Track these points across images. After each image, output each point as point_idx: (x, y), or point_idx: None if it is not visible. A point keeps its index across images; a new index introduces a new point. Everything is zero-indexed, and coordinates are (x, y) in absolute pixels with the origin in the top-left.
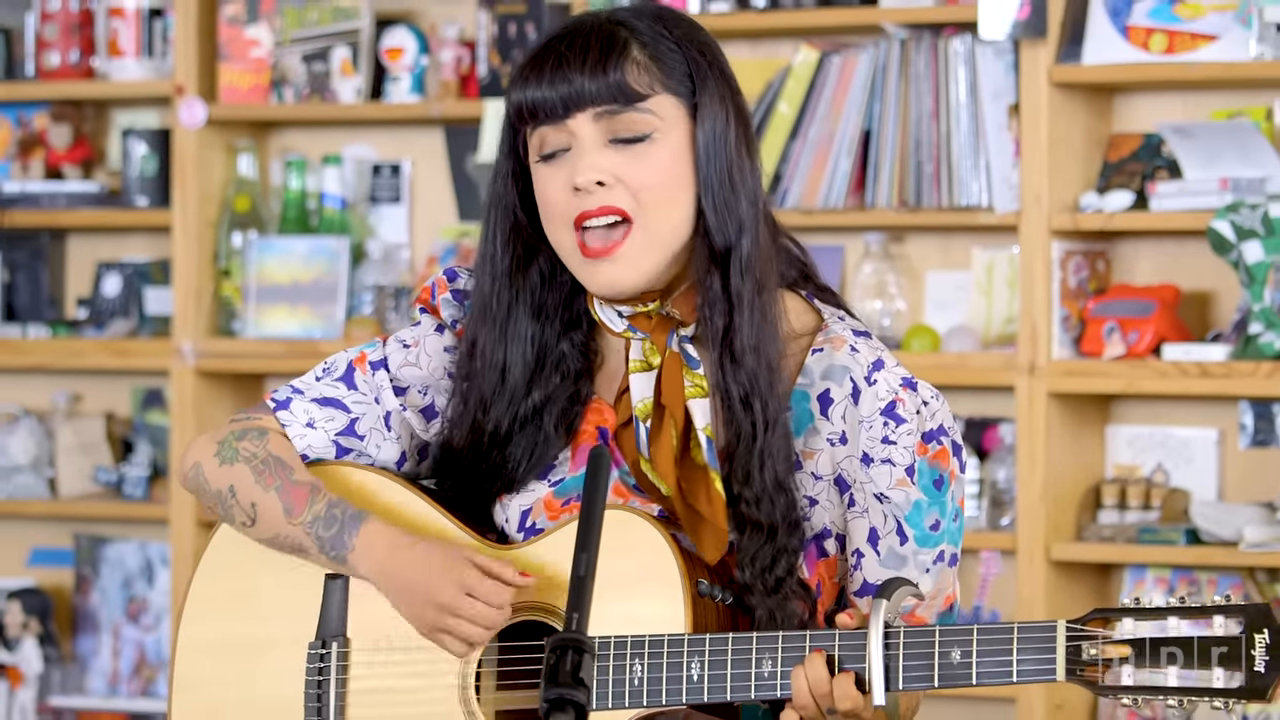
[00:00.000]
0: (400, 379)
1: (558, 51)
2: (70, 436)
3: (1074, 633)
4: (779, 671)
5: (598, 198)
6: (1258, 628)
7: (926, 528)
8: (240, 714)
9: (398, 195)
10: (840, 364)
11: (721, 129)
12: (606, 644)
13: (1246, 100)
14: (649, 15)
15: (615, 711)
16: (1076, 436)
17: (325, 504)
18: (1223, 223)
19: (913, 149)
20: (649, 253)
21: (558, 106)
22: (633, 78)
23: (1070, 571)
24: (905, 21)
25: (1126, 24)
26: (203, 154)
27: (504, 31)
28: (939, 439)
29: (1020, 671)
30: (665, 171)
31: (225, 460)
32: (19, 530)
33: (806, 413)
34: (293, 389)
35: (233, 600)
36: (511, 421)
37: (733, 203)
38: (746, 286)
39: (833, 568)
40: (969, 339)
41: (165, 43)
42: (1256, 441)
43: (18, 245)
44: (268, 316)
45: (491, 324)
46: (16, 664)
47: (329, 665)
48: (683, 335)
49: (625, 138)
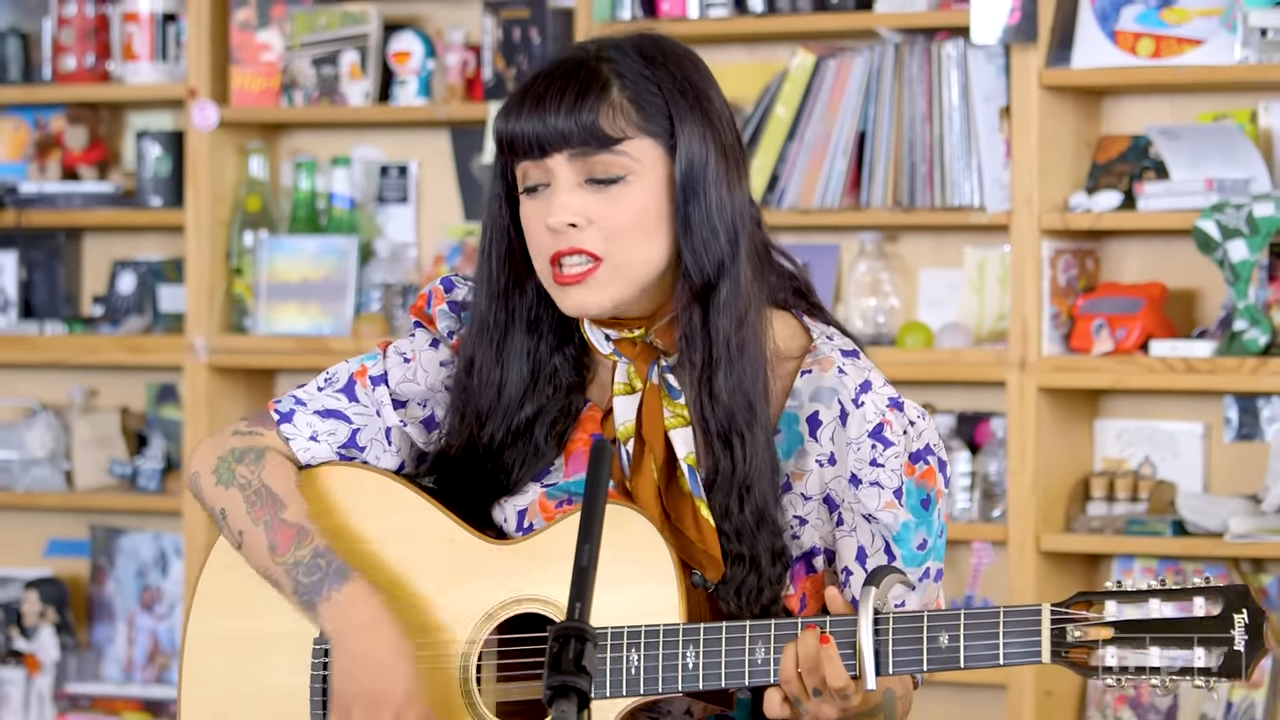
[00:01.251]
0: (400, 394)
1: (539, 90)
2: (86, 430)
3: (1058, 615)
4: (772, 658)
5: (570, 238)
6: (1236, 608)
7: (914, 547)
8: (248, 707)
9: (405, 195)
10: (828, 386)
11: (700, 168)
12: (604, 634)
13: (1231, 103)
14: (636, 52)
15: (613, 700)
16: (1066, 430)
17: (311, 551)
18: (1208, 222)
19: (907, 150)
20: (615, 283)
21: (534, 146)
22: (606, 122)
23: (1060, 561)
24: (899, 26)
25: (1115, 29)
26: (215, 155)
27: (508, 36)
28: (925, 459)
29: (1006, 654)
30: (638, 213)
31: (221, 480)
32: (36, 522)
33: (796, 434)
34: (296, 400)
35: (240, 597)
36: (505, 433)
37: (711, 242)
38: (724, 323)
39: (819, 584)
40: (961, 335)
41: (178, 47)
42: (1241, 435)
43: (35, 244)
44: (278, 314)
45: (489, 342)
46: (34, 652)
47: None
48: (664, 365)
49: (600, 178)
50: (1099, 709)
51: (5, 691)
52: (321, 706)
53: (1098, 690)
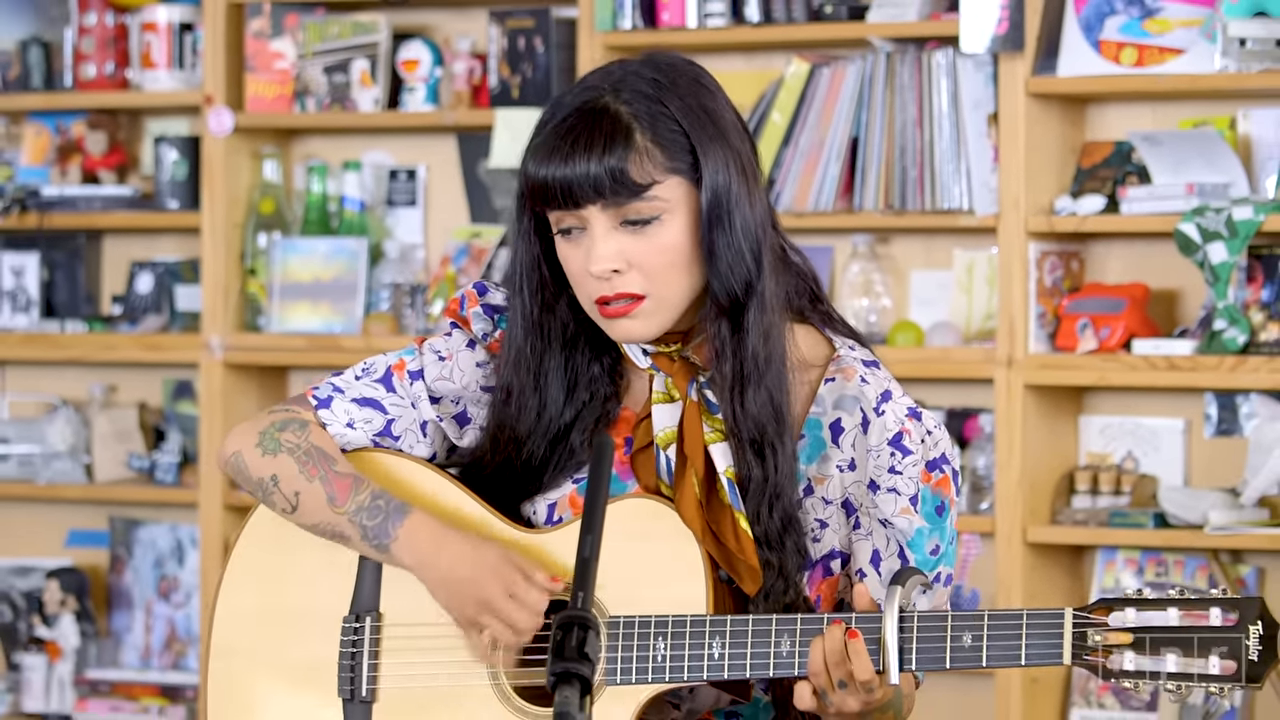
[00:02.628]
0: (435, 391)
1: (565, 143)
2: (105, 425)
3: (1080, 620)
4: (797, 651)
5: (613, 284)
6: (1251, 619)
7: (927, 552)
8: (274, 681)
9: (413, 199)
10: (851, 394)
11: (724, 194)
12: (632, 623)
13: (1211, 110)
14: (647, 94)
15: (639, 686)
16: (1051, 426)
17: (369, 494)
18: (1189, 225)
19: (898, 155)
20: (662, 313)
21: (567, 198)
22: (635, 169)
23: (1045, 553)
24: (891, 36)
25: (1099, 38)
26: (230, 160)
27: (513, 45)
28: (941, 467)
29: (1029, 655)
30: (674, 249)
31: (268, 450)
32: (57, 513)
33: (819, 440)
34: (334, 387)
35: (271, 574)
36: (546, 448)
37: (737, 265)
38: (753, 339)
39: (834, 586)
40: (951, 334)
41: (195, 55)
42: (1220, 431)
43: (56, 246)
44: (291, 313)
45: (526, 372)
46: (55, 639)
47: (362, 638)
48: (702, 382)
49: (634, 220)
50: (1083, 695)
51: (27, 677)
52: (349, 683)
53: (1082, 678)
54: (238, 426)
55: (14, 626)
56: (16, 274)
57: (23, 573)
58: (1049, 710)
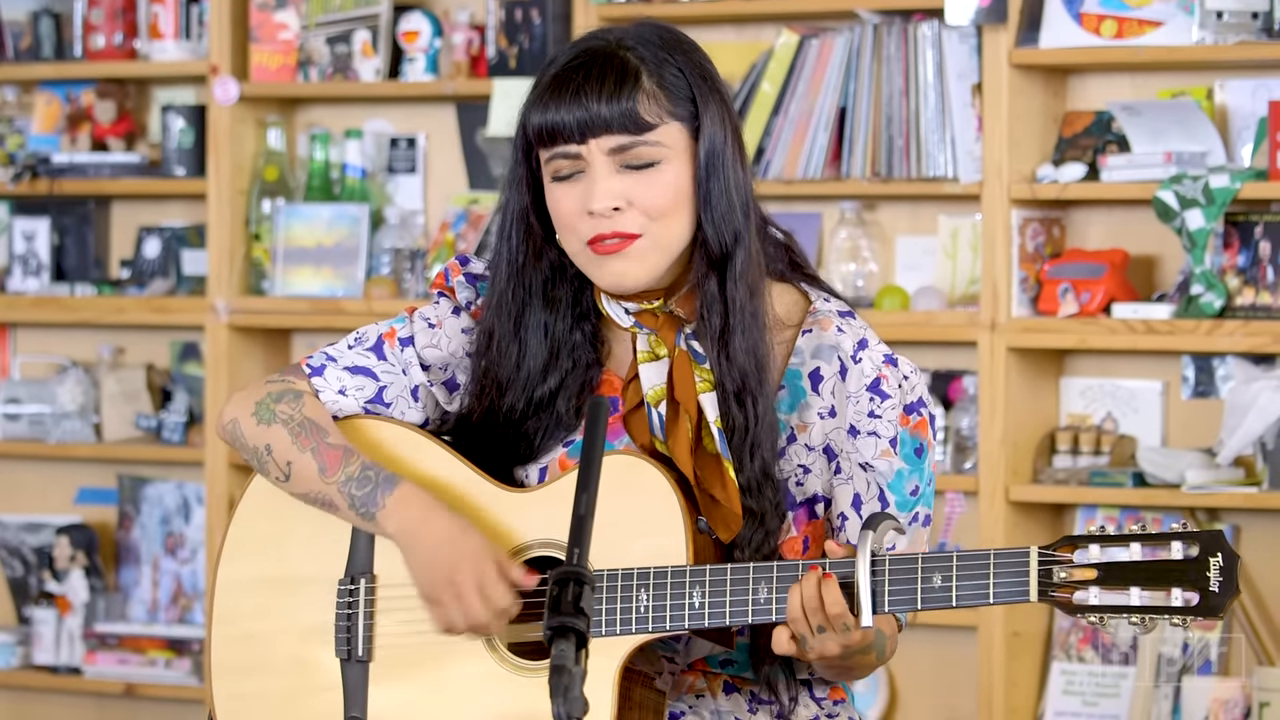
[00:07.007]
0: (425, 357)
1: (575, 80)
2: (114, 386)
3: (1045, 557)
4: (774, 598)
5: (612, 222)
6: (1211, 552)
7: (907, 493)
8: (275, 644)
9: (413, 166)
10: (828, 343)
11: (720, 146)
12: (615, 575)
13: (1189, 81)
14: (653, 42)
15: (623, 636)
16: (1033, 388)
17: (359, 465)
18: (1167, 193)
19: (884, 124)
20: (654, 254)
21: (575, 132)
22: (644, 108)
23: (1027, 511)
24: (878, 8)
25: (1080, 11)
26: (235, 128)
27: (511, 16)
28: (919, 410)
29: (996, 593)
30: (672, 192)
31: (262, 420)
32: (67, 471)
33: (799, 389)
34: (326, 356)
35: (268, 542)
36: (526, 404)
37: (728, 214)
38: (740, 292)
39: (819, 529)
40: (935, 298)
41: (201, 26)
42: (1197, 393)
43: (66, 211)
44: (294, 277)
45: (507, 316)
46: (65, 594)
47: (357, 600)
48: (688, 333)
49: (635, 165)
50: (1064, 649)
51: (38, 630)
52: (345, 643)
53: (1063, 631)
54: (235, 395)
55: (25, 581)
56: (28, 239)
57: (33, 529)
58: (1030, 664)
